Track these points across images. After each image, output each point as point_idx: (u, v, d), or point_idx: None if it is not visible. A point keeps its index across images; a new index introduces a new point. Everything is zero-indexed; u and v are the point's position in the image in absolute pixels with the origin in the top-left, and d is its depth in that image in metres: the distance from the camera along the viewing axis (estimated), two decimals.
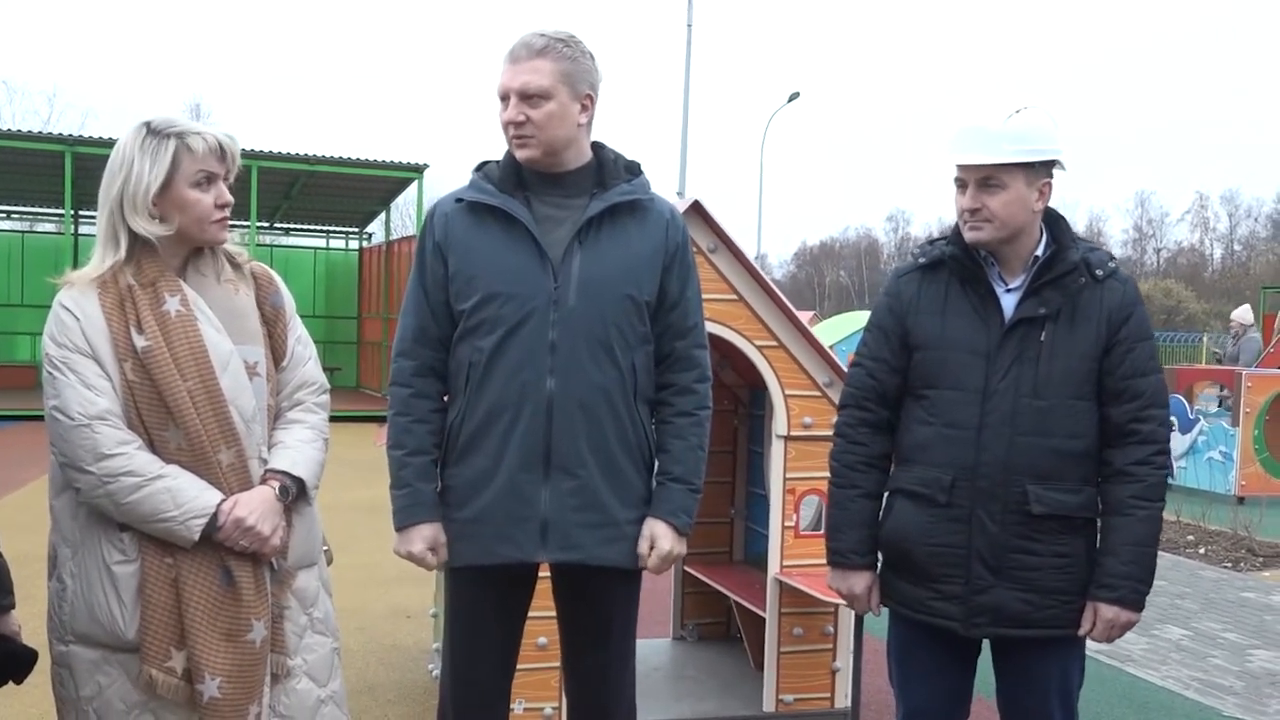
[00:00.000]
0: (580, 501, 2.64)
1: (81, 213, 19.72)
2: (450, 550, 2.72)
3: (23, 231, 24.39)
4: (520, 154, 2.68)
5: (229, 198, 2.50)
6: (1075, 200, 74.71)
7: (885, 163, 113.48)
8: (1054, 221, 2.82)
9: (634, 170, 2.79)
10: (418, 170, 19.06)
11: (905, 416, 2.86)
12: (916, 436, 2.80)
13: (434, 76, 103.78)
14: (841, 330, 17.07)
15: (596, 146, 2.80)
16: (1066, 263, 2.73)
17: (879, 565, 2.92)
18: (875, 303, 2.98)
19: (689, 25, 22.98)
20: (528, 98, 2.63)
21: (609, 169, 2.75)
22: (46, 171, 17.92)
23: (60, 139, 17.60)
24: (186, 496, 2.36)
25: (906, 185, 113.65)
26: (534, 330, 2.62)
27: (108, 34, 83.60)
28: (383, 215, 22.88)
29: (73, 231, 18.41)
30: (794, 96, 33.71)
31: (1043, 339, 2.71)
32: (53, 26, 78.64)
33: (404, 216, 26.22)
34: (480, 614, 2.77)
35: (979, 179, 2.70)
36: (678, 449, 2.75)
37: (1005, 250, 2.77)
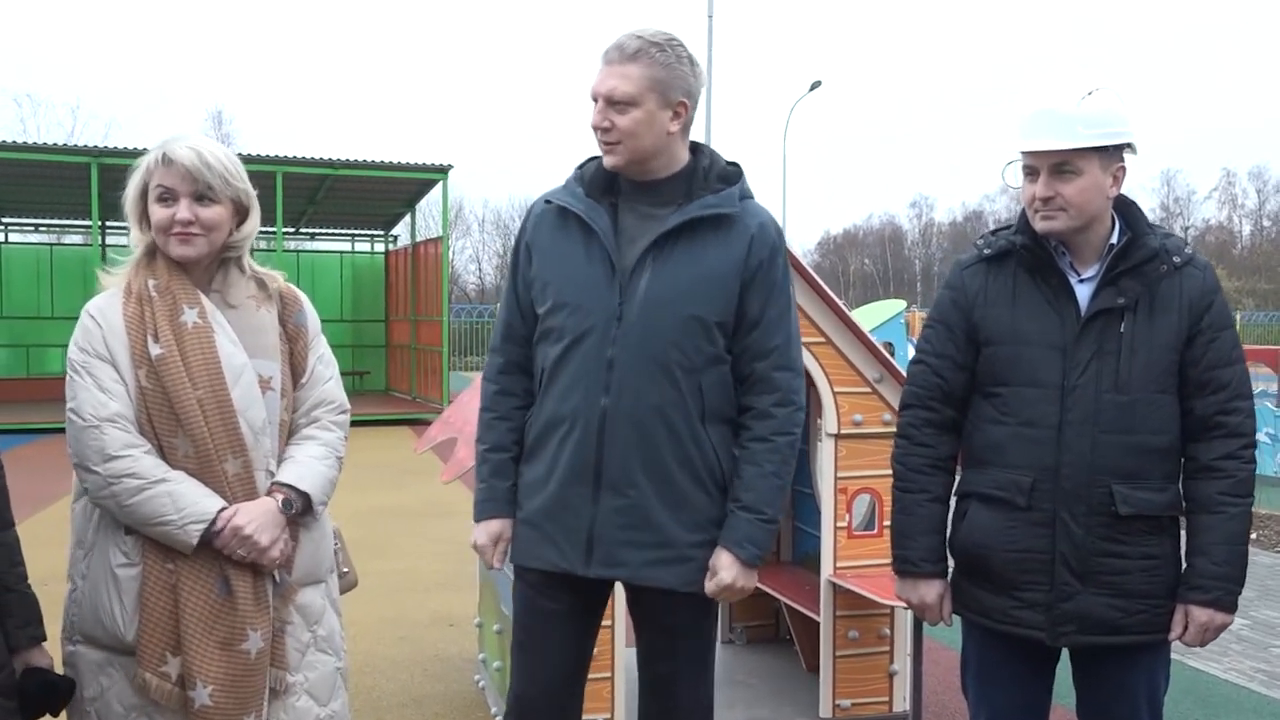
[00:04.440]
0: (628, 520, 2.57)
1: (109, 224, 19.79)
2: (513, 547, 2.72)
3: (51, 244, 24.51)
4: (606, 160, 2.61)
5: (185, 214, 2.47)
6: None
7: (907, 149, 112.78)
8: (1126, 207, 2.68)
9: (728, 178, 2.65)
10: (442, 171, 18.99)
11: (975, 416, 2.72)
12: (989, 437, 2.67)
13: (456, 77, 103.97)
14: (872, 319, 16.89)
15: (695, 150, 2.68)
16: (1146, 250, 2.59)
17: (949, 573, 2.79)
18: (936, 297, 2.85)
19: (710, 16, 22.81)
20: (614, 103, 2.53)
21: (699, 178, 2.63)
22: (73, 183, 17.97)
23: (86, 150, 17.60)
24: (187, 501, 2.39)
25: (929, 171, 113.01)
26: (594, 345, 2.56)
27: (129, 44, 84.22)
28: (408, 217, 22.83)
29: (100, 243, 18.45)
30: (816, 85, 33.49)
31: (1122, 330, 2.57)
32: (74, 38, 79.30)
33: (428, 218, 26.21)
34: (538, 616, 2.71)
35: (1052, 165, 2.56)
36: (749, 475, 2.60)
37: (1078, 239, 2.63)
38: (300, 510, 2.55)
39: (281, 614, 2.54)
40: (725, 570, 2.57)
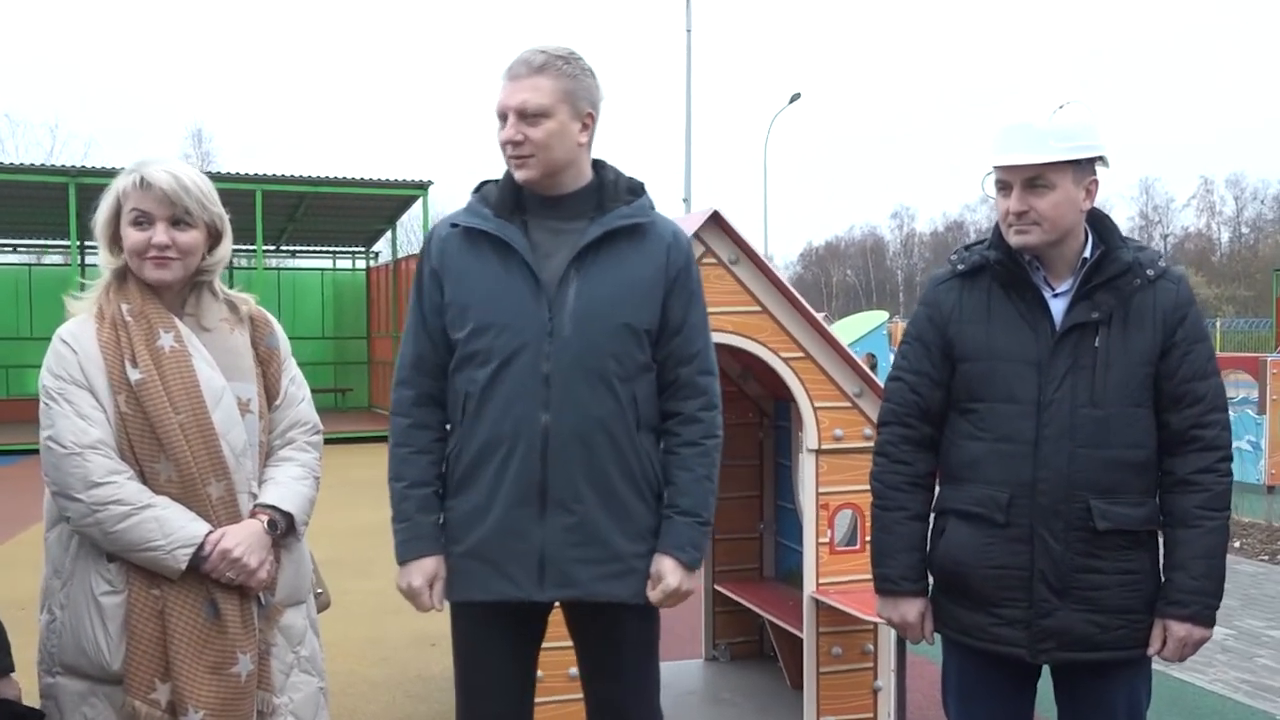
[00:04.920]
0: (579, 537, 2.54)
1: (87, 244, 19.67)
2: (448, 584, 2.63)
3: (30, 264, 24.35)
4: (519, 174, 2.57)
5: (161, 239, 2.47)
6: None
7: (888, 160, 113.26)
8: (1098, 221, 2.68)
9: (636, 190, 2.67)
10: (422, 188, 18.96)
11: (951, 432, 2.71)
12: (966, 453, 2.66)
13: (436, 93, 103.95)
14: (855, 331, 16.93)
15: (598, 165, 2.68)
16: (1119, 264, 2.59)
17: (929, 590, 2.77)
18: (912, 314, 2.84)
19: (688, 30, 22.88)
20: (526, 116, 2.52)
21: (609, 190, 2.64)
22: (51, 203, 17.89)
23: (64, 170, 17.54)
24: (174, 526, 2.37)
25: (910, 182, 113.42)
26: (528, 363, 2.52)
27: (108, 63, 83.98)
28: (388, 234, 22.78)
29: (79, 263, 18.35)
30: (795, 97, 33.61)
31: (1097, 345, 2.57)
32: (53, 58, 79.02)
33: (410, 234, 26.09)
34: (486, 649, 2.67)
35: (1025, 179, 2.55)
36: (684, 480, 2.62)
37: (1052, 253, 2.62)
38: (283, 531, 2.55)
39: (266, 636, 2.54)
40: (670, 575, 2.57)
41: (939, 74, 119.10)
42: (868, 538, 4.14)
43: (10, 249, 24.02)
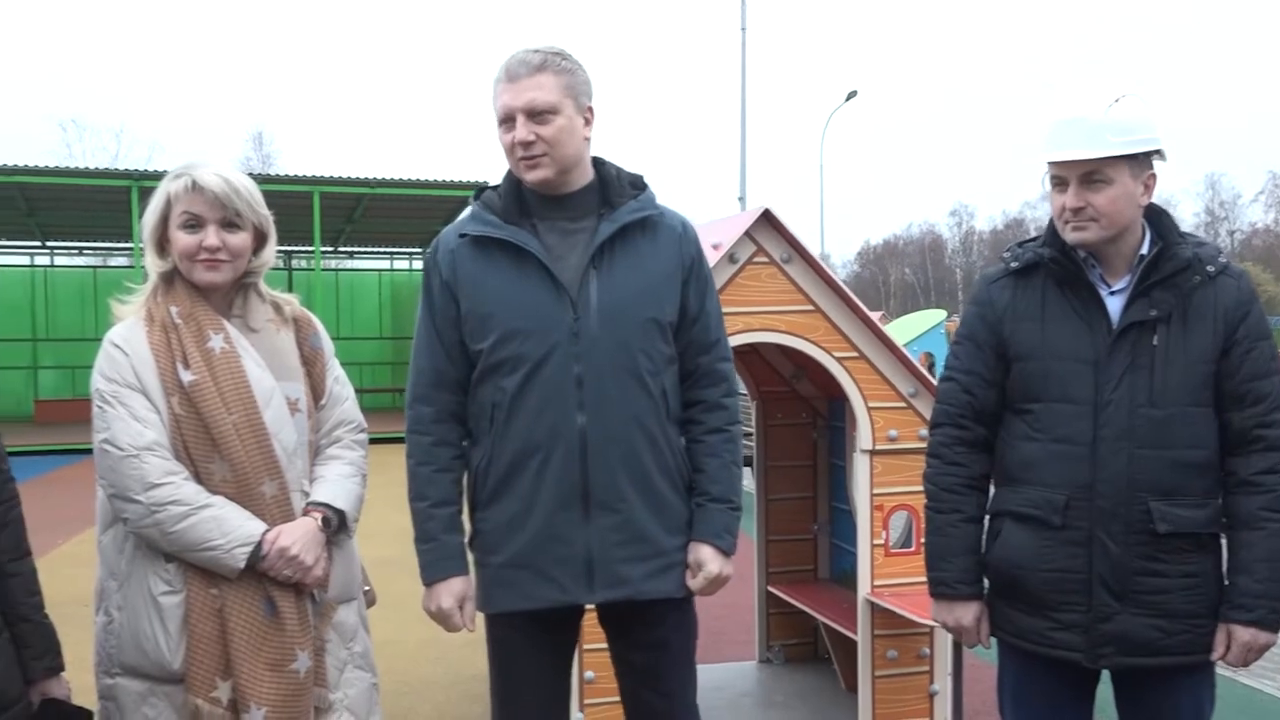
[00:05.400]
0: (624, 536, 2.53)
1: None
2: (486, 597, 2.61)
3: (95, 266, 24.83)
4: (532, 176, 2.53)
5: (213, 241, 2.49)
6: None
7: (946, 157, 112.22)
8: (1157, 216, 2.62)
9: (639, 184, 2.66)
10: (479, 188, 19.03)
11: (1006, 433, 2.66)
12: (1022, 454, 2.61)
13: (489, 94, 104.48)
14: (912, 330, 16.78)
15: (597, 163, 2.66)
16: (1178, 260, 2.53)
17: (985, 593, 2.73)
18: (964, 313, 2.80)
19: (743, 29, 22.80)
20: (535, 115, 2.49)
21: (613, 186, 2.61)
22: (115, 207, 18.22)
23: (127, 174, 17.88)
24: (231, 525, 2.40)
25: (968, 179, 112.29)
26: (558, 366, 2.49)
27: (172, 68, 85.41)
28: None
29: (143, 265, 18.66)
30: (852, 95, 33.35)
31: (1155, 343, 2.51)
32: (119, 64, 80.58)
33: None
34: (525, 658, 2.65)
35: (1082, 175, 2.50)
36: (713, 467, 2.63)
37: (1108, 250, 2.57)
38: (335, 529, 2.57)
39: (321, 632, 2.56)
40: (711, 562, 2.57)
41: (998, 68, 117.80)
42: (923, 539, 4.11)
43: (76, 251, 24.51)
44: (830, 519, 5.06)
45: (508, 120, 2.52)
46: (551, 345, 2.50)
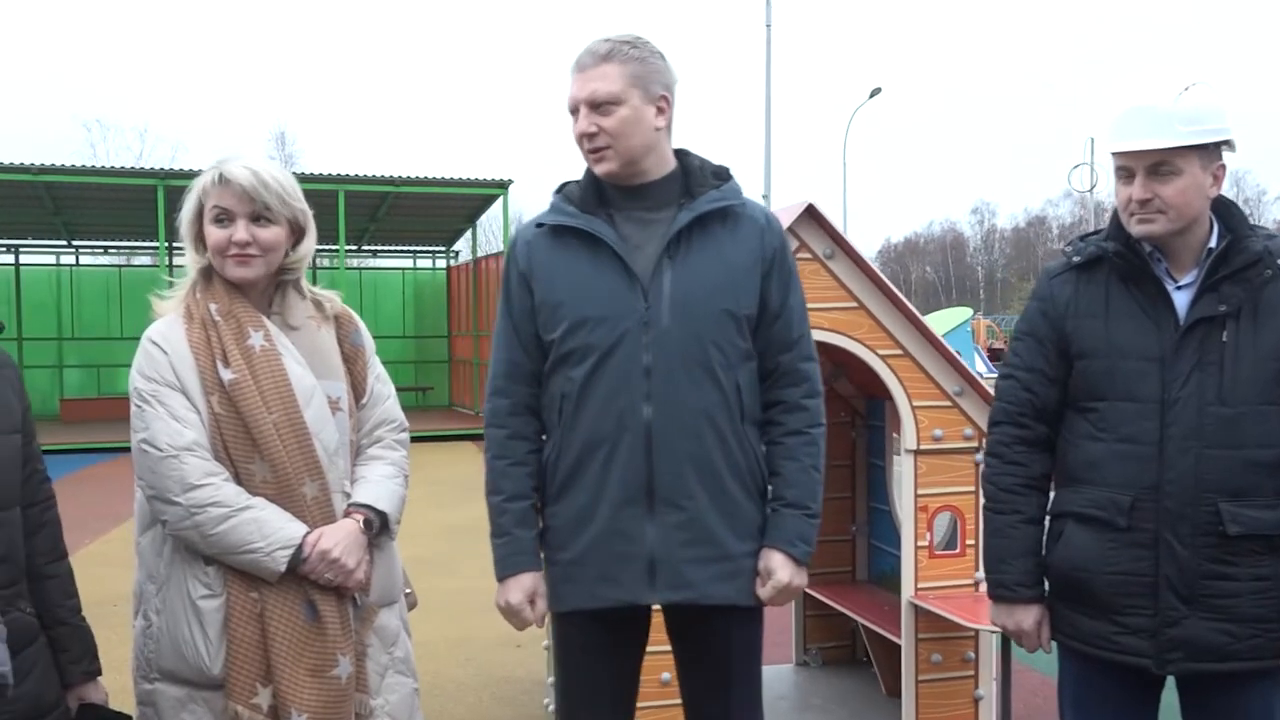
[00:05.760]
0: (690, 535, 2.45)
1: (175, 245, 20.08)
2: (553, 594, 2.57)
3: (120, 265, 24.92)
4: (599, 168, 2.50)
5: (242, 235, 2.44)
6: None
7: (968, 154, 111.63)
8: (1224, 208, 2.53)
9: (722, 175, 2.59)
10: (502, 186, 19.03)
11: (1069, 432, 2.58)
12: (1085, 454, 2.52)
13: (516, 91, 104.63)
14: (938, 328, 16.65)
15: (681, 154, 2.60)
16: (1249, 254, 2.44)
17: (1045, 596, 2.65)
18: (1024, 308, 2.71)
19: (768, 25, 22.69)
20: (598, 106, 2.45)
21: (695, 176, 2.55)
22: (141, 206, 18.25)
23: (153, 173, 17.90)
24: (272, 528, 2.35)
25: (990, 176, 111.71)
26: (627, 355, 2.44)
27: (196, 67, 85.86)
28: (469, 233, 22.95)
29: (167, 264, 18.73)
30: (876, 92, 33.21)
31: (1224, 339, 2.42)
32: (142, 64, 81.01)
33: (490, 233, 26.22)
34: (590, 658, 2.59)
35: (1150, 165, 2.41)
36: (790, 471, 2.53)
37: (1176, 243, 2.48)
38: (377, 531, 2.52)
39: (362, 637, 2.50)
40: (781, 570, 2.48)
41: (1020, 68, 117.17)
42: (968, 541, 4.03)
43: (101, 250, 24.59)
44: (869, 520, 4.98)
45: (574, 111, 2.49)
46: (621, 334, 2.44)
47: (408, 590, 2.77)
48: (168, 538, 2.41)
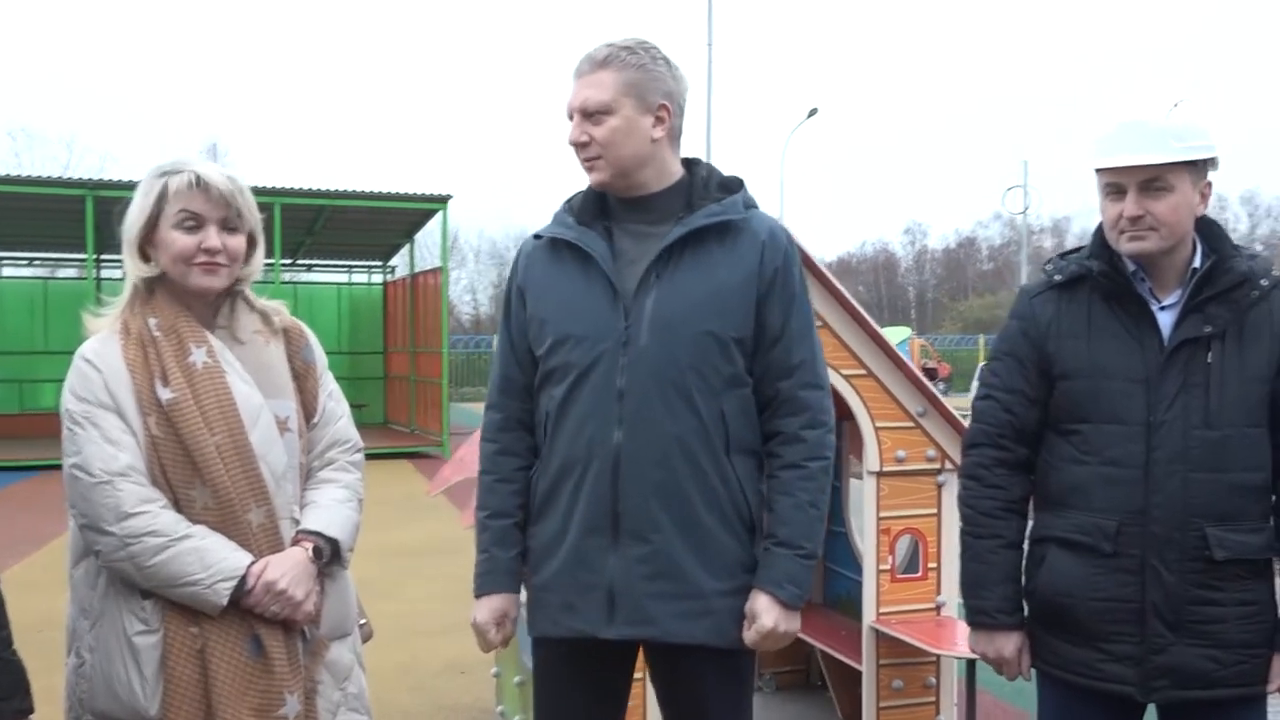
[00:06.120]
0: (652, 570, 2.31)
1: (104, 257, 19.60)
2: (528, 617, 2.48)
3: (45, 278, 24.29)
4: (590, 178, 2.42)
5: (215, 242, 2.31)
6: (1093, 206, 74.38)
7: (900, 176, 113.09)
8: (1207, 227, 2.50)
9: (731, 187, 2.45)
10: (441, 201, 18.83)
11: (1050, 454, 2.52)
12: (1069, 478, 2.46)
13: (455, 106, 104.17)
14: None
15: (690, 164, 2.49)
16: (1234, 274, 2.40)
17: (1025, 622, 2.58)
18: (1002, 327, 2.65)
19: (709, 45, 22.79)
20: (589, 114, 2.36)
21: (698, 188, 2.44)
22: (68, 216, 17.78)
23: (81, 183, 17.42)
24: (214, 558, 2.21)
25: (922, 197, 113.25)
26: (603, 376, 2.33)
27: (124, 77, 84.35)
28: (406, 248, 22.69)
29: (95, 276, 18.27)
30: (813, 112, 33.44)
31: (1210, 361, 2.38)
32: (69, 73, 79.44)
33: (427, 249, 25.97)
34: (566, 689, 2.48)
35: (1142, 181, 2.37)
36: (784, 508, 2.36)
37: (1161, 262, 2.44)
38: (328, 559, 2.38)
39: (312, 673, 2.36)
40: (765, 614, 2.31)
41: (951, 90, 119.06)
42: (930, 564, 3.97)
43: (26, 262, 23.94)
44: (826, 542, 4.90)
45: (570, 119, 2.40)
46: (599, 354, 2.33)
47: (363, 621, 2.64)
48: (102, 569, 2.26)
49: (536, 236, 2.51)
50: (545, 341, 2.41)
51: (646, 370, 2.31)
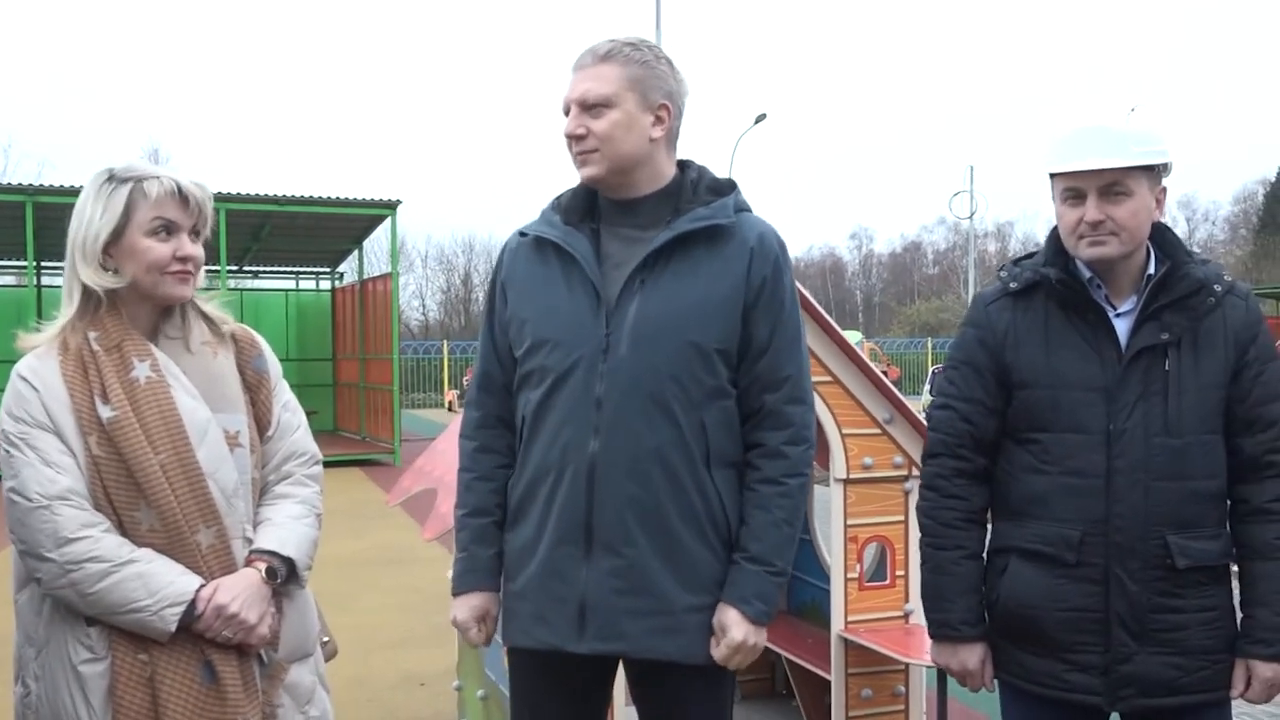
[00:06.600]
0: (625, 584, 2.27)
1: (44, 264, 19.21)
2: (503, 626, 2.44)
3: None
4: (583, 172, 2.36)
5: (190, 250, 2.27)
6: (1034, 211, 75.48)
7: (846, 181, 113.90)
8: (1160, 233, 2.51)
9: (721, 190, 2.39)
10: (390, 207, 18.67)
11: (1009, 464, 2.52)
12: (1029, 487, 2.46)
13: (404, 111, 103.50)
14: None
15: (682, 165, 2.45)
16: (1190, 281, 2.42)
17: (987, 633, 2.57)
18: (958, 335, 2.63)
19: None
20: (589, 108, 2.31)
21: (687, 191, 2.39)
22: (6, 223, 17.41)
23: (20, 189, 17.03)
24: (160, 583, 2.13)
25: (868, 203, 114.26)
26: (580, 383, 2.28)
27: (62, 81, 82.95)
28: (355, 254, 22.46)
29: (36, 284, 17.89)
30: (761, 118, 33.59)
31: (1168, 368, 2.39)
32: (4, 77, 77.92)
33: (377, 254, 25.72)
34: (540, 701, 2.44)
35: (1102, 186, 2.37)
36: (758, 523, 2.31)
37: (1118, 268, 2.45)
38: (284, 579, 2.31)
39: (270, 697, 2.29)
40: (734, 629, 2.27)
41: (896, 97, 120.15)
42: (898, 572, 3.96)
43: None
44: None
45: (566, 111, 2.35)
46: (576, 360, 2.29)
47: (325, 639, 2.56)
48: (46, 596, 2.17)
49: (522, 233, 2.46)
50: (524, 343, 2.37)
51: (626, 379, 2.27)
